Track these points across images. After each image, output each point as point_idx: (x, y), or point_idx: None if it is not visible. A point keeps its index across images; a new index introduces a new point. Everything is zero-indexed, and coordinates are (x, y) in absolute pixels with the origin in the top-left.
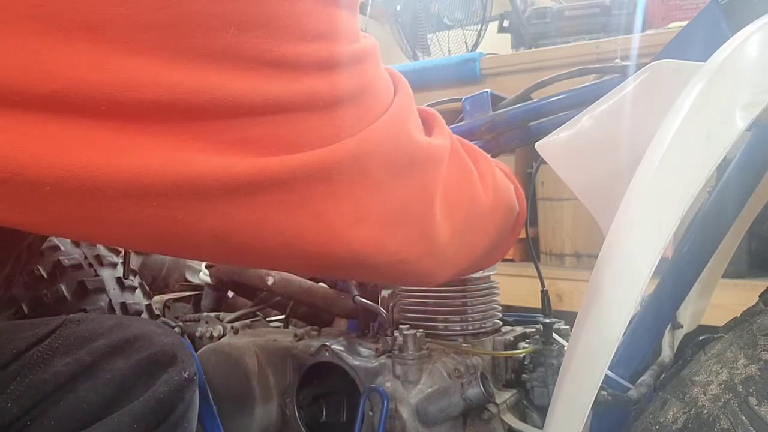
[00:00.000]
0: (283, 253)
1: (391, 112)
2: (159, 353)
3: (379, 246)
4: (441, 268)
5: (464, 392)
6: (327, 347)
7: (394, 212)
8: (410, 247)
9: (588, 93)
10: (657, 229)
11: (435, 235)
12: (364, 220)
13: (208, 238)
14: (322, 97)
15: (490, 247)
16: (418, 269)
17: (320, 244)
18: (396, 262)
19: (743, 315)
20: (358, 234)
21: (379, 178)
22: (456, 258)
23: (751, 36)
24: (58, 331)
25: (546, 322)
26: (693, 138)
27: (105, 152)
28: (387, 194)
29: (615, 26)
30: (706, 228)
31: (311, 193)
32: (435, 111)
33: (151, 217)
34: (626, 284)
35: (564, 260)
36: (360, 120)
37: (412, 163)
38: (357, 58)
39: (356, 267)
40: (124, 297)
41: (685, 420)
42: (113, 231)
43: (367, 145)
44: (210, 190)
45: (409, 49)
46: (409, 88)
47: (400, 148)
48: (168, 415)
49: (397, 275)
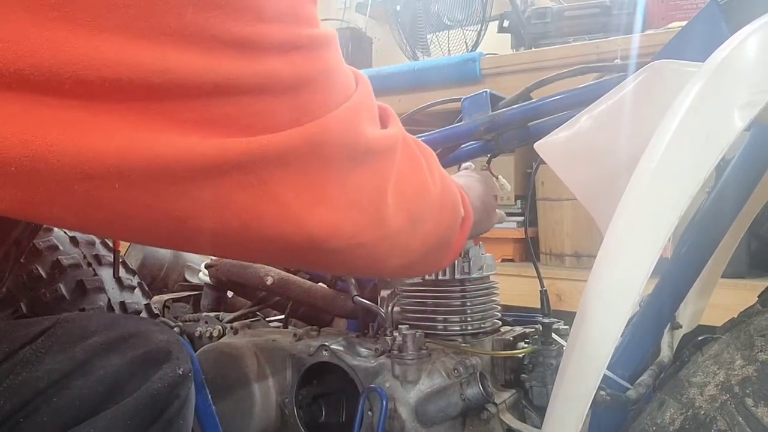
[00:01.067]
0: (244, 237)
1: (352, 101)
2: (154, 350)
3: (335, 229)
4: (395, 251)
5: (463, 392)
6: (326, 347)
7: (350, 197)
8: (366, 230)
9: (587, 93)
10: (655, 229)
11: (387, 219)
12: (321, 204)
13: (170, 221)
14: (282, 79)
15: (440, 242)
16: (374, 253)
17: (278, 227)
18: (354, 246)
19: (740, 316)
20: (315, 217)
21: (336, 165)
22: (409, 244)
23: (749, 36)
24: (52, 329)
25: (545, 322)
26: (691, 138)
27: (69, 132)
28: (343, 179)
29: (615, 26)
30: (705, 228)
31: (269, 176)
32: (388, 106)
33: (115, 199)
34: (624, 284)
35: (564, 260)
36: (320, 106)
37: (368, 152)
38: (317, 44)
39: (315, 252)
40: (123, 296)
41: (682, 421)
42: (79, 213)
43: (326, 132)
44: (172, 171)
45: (409, 49)
46: (370, 84)
47: (356, 139)
48: (163, 412)
49: (355, 261)
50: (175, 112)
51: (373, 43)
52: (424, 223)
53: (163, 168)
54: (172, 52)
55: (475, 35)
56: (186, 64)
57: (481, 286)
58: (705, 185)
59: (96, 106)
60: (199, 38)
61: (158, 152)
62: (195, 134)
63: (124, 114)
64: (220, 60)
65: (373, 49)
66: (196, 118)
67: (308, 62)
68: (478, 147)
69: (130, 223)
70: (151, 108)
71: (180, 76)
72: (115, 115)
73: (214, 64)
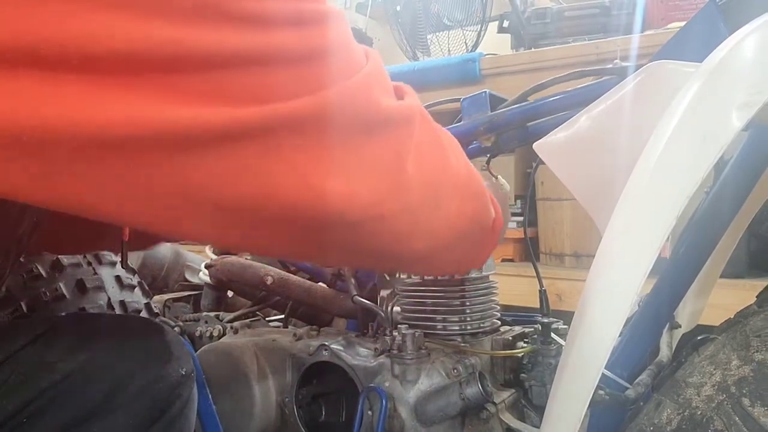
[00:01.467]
0: (262, 214)
1: (363, 72)
2: (155, 350)
3: (353, 198)
4: (418, 229)
5: (462, 392)
6: (326, 347)
7: (367, 165)
8: (384, 200)
9: (586, 93)
10: (653, 229)
11: (408, 190)
12: (338, 173)
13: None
14: (293, 50)
15: (467, 232)
16: (395, 228)
17: (297, 196)
18: (373, 218)
19: (736, 316)
20: (333, 186)
21: (352, 133)
22: (431, 222)
23: (747, 36)
24: (53, 330)
25: (544, 321)
26: (689, 138)
27: (79, 103)
28: (359, 148)
29: (615, 27)
30: (704, 228)
31: (285, 144)
32: (406, 85)
33: (132, 169)
34: (622, 284)
35: (563, 260)
36: (333, 76)
37: (384, 121)
38: (324, 17)
39: (334, 225)
40: (123, 295)
41: (679, 421)
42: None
43: (340, 101)
44: (186, 139)
45: (409, 50)
46: (381, 60)
47: (372, 107)
48: (165, 412)
49: (376, 236)
50: (187, 84)
51: (373, 43)
52: (448, 201)
53: (177, 135)
54: (181, 26)
55: (475, 35)
56: (196, 36)
57: (480, 286)
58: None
59: (106, 80)
60: (209, 12)
61: (172, 120)
62: (208, 105)
63: (135, 88)
64: (230, 33)
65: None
66: (209, 90)
67: (317, 35)
68: (477, 147)
69: (148, 197)
70: (162, 81)
71: (190, 48)
72: (126, 88)
73: (224, 37)
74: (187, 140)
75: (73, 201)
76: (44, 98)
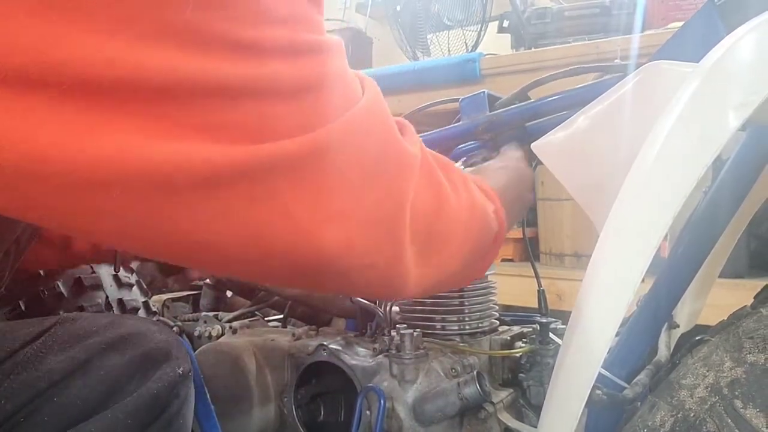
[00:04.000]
0: (250, 253)
1: (361, 106)
2: (153, 350)
3: (348, 247)
4: (410, 278)
5: (461, 391)
6: (325, 347)
7: (365, 212)
8: (380, 250)
9: (584, 93)
10: (650, 228)
11: (404, 242)
12: (334, 219)
13: (174, 235)
14: (286, 82)
15: (462, 266)
16: (387, 276)
17: (287, 243)
18: (365, 267)
19: (730, 318)
20: (327, 233)
21: (350, 175)
22: (426, 272)
23: (744, 36)
24: (52, 330)
25: (543, 321)
26: (686, 138)
27: (67, 133)
28: (358, 192)
29: (615, 26)
30: (702, 228)
31: (277, 187)
32: (406, 120)
33: (116, 208)
34: (619, 283)
35: (563, 260)
36: (327, 111)
37: (385, 160)
38: (321, 49)
39: (325, 272)
40: (121, 294)
41: (672, 423)
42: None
43: (335, 139)
44: (174, 179)
45: (409, 50)
46: (378, 89)
47: (371, 144)
48: (162, 412)
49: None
50: (178, 116)
51: (373, 43)
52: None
53: (164, 176)
54: (172, 52)
55: (475, 35)
56: (186, 64)
57: (479, 286)
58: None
59: (95, 108)
60: (199, 38)
61: (159, 159)
62: (198, 141)
63: (125, 117)
64: (221, 61)
65: (374, 49)
66: (200, 124)
67: (312, 66)
68: (476, 147)
69: (135, 236)
70: (152, 112)
71: (181, 76)
72: (115, 117)
73: (214, 65)
74: (172, 182)
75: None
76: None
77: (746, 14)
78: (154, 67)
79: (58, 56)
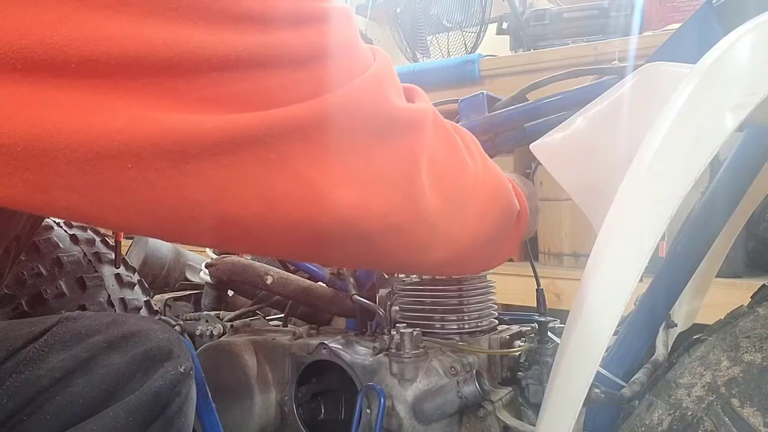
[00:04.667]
0: (270, 225)
1: (371, 72)
2: (155, 348)
3: (365, 208)
4: (437, 239)
5: (460, 390)
6: (325, 345)
7: (378, 172)
8: (398, 209)
9: (583, 94)
10: (647, 228)
11: (423, 199)
12: (347, 181)
13: (189, 206)
14: (295, 51)
15: (488, 236)
16: (412, 240)
17: (304, 209)
18: (387, 228)
19: (727, 317)
20: (342, 196)
21: (361, 138)
22: (451, 231)
23: (741, 38)
24: (54, 329)
25: (541, 320)
26: (683, 139)
27: (76, 111)
28: (369, 154)
29: (613, 28)
30: (699, 228)
31: (290, 152)
32: (416, 87)
33: (130, 181)
34: (617, 282)
35: (562, 260)
36: (338, 78)
37: (395, 124)
38: (329, 16)
39: (347, 237)
40: (123, 293)
41: (670, 422)
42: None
43: (347, 103)
44: (186, 147)
45: (408, 51)
46: (389, 58)
47: (382, 109)
48: (164, 410)
49: (393, 248)
50: (187, 89)
51: (373, 44)
52: (466, 206)
53: (176, 144)
54: (178, 26)
55: (474, 37)
56: (193, 37)
57: (478, 285)
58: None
59: (104, 85)
60: (206, 12)
61: (170, 127)
62: (208, 111)
63: (134, 93)
64: (229, 33)
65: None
66: (209, 96)
67: (321, 35)
68: None
69: (149, 211)
70: (161, 85)
71: (188, 49)
72: (124, 93)
73: (222, 37)
74: (184, 150)
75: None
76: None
77: (743, 16)
78: (161, 42)
79: (62, 36)
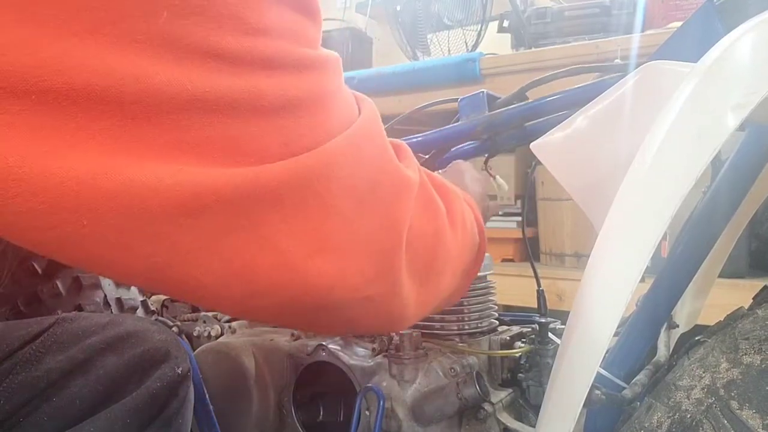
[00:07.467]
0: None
1: (353, 129)
2: (152, 350)
3: (341, 280)
4: (409, 308)
5: (460, 391)
6: (324, 347)
7: (359, 242)
8: (376, 281)
9: (584, 93)
10: (648, 228)
11: (401, 271)
12: (323, 251)
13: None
14: (267, 98)
15: (455, 288)
16: (386, 309)
17: (273, 279)
18: (362, 300)
19: (726, 319)
20: (316, 266)
21: (340, 204)
22: (423, 299)
23: (742, 36)
24: (51, 330)
25: (542, 321)
26: (684, 138)
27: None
28: (351, 222)
29: (615, 26)
30: (701, 228)
31: (261, 218)
32: (403, 142)
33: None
34: (617, 283)
35: (564, 260)
36: (314, 133)
37: (380, 187)
38: (311, 64)
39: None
40: (120, 293)
41: (669, 425)
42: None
43: (324, 163)
44: (146, 205)
45: (409, 49)
46: (376, 110)
47: (364, 170)
48: (162, 411)
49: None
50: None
51: (373, 43)
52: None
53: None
54: (144, 59)
55: (475, 35)
56: (159, 72)
57: (478, 286)
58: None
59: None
60: (174, 47)
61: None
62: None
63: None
64: (196, 71)
65: (374, 49)
66: (174, 142)
67: (299, 83)
68: (475, 147)
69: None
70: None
71: (153, 84)
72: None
73: (190, 74)
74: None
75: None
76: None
77: (745, 14)
78: (126, 75)
79: (24, 62)
